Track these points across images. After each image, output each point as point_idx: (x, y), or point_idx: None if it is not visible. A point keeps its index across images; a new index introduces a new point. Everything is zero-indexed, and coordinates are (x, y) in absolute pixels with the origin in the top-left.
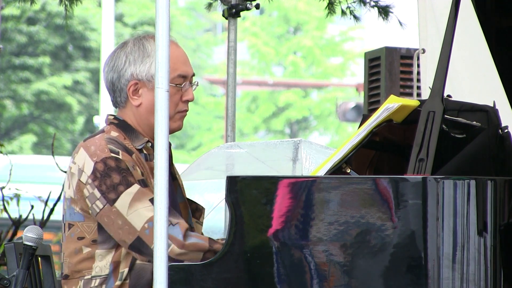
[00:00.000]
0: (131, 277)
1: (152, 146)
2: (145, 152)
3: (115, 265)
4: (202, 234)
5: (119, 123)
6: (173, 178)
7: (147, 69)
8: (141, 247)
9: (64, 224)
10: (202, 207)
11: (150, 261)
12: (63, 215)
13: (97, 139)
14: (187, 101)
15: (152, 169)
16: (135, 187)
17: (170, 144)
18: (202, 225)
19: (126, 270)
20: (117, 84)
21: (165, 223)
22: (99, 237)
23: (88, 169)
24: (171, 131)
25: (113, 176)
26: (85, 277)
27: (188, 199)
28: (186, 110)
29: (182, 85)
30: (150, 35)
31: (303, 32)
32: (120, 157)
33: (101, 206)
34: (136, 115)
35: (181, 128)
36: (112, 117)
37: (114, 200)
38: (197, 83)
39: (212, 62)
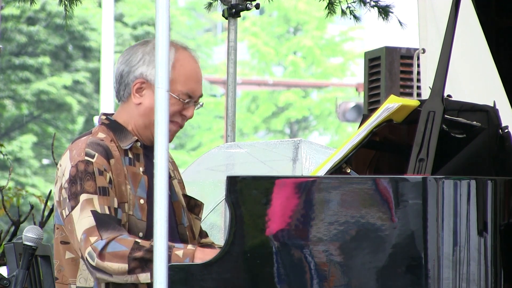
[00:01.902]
0: None
1: (141, 146)
2: (130, 155)
3: None
4: (201, 229)
5: (109, 124)
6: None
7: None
8: (82, 258)
9: (54, 226)
10: (201, 203)
11: (93, 277)
12: (54, 217)
13: (80, 142)
14: (185, 117)
15: (133, 174)
16: (83, 196)
17: None
18: (201, 220)
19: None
20: (125, 78)
21: (165, 223)
22: None
23: (66, 173)
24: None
25: (77, 183)
26: (71, 286)
27: (186, 195)
28: (180, 126)
29: (186, 102)
30: (173, 44)
31: (303, 32)
32: (92, 160)
33: (67, 212)
34: (134, 112)
35: (169, 141)
36: (104, 117)
37: (73, 208)
38: (202, 104)
39: (212, 62)
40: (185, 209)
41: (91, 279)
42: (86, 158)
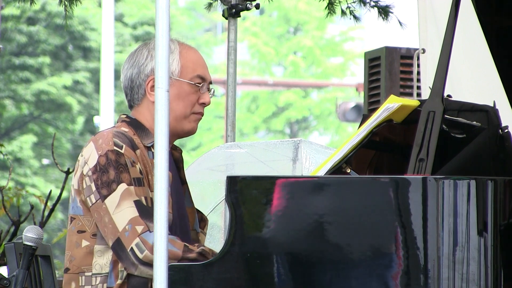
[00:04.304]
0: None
1: None
2: (153, 150)
3: (115, 264)
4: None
5: (130, 121)
6: (182, 183)
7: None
8: (120, 249)
9: (68, 218)
10: (206, 218)
11: (129, 269)
12: (69, 209)
13: (105, 133)
14: (203, 104)
15: None
16: (123, 186)
17: (181, 151)
18: (205, 235)
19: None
20: (136, 80)
21: (165, 223)
22: (98, 232)
23: (91, 161)
24: (186, 133)
25: (110, 172)
26: (86, 274)
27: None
28: (202, 114)
29: (201, 85)
30: (171, 39)
31: (303, 32)
32: (122, 151)
33: (94, 200)
34: (152, 111)
35: (195, 131)
36: (125, 116)
37: (105, 197)
38: (214, 91)
39: (212, 62)
40: (197, 217)
41: (107, 265)
42: (115, 148)
